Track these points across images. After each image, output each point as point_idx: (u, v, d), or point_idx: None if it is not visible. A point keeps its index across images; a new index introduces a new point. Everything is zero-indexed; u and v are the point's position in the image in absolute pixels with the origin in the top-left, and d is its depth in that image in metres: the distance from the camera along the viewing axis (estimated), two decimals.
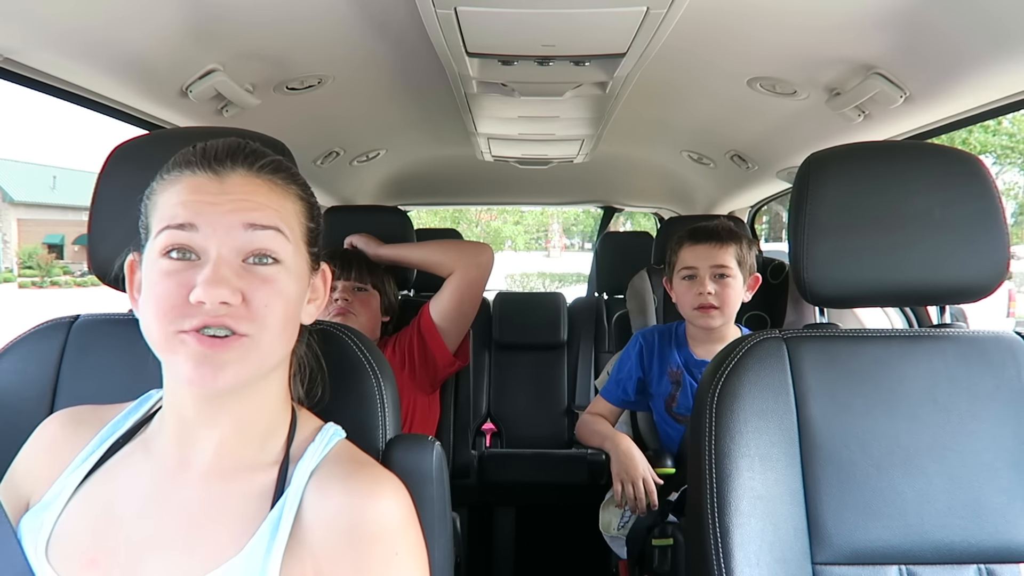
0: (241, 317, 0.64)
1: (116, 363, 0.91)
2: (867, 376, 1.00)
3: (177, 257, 0.65)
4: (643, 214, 5.63)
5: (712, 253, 1.58)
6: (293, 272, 0.69)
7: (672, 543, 1.47)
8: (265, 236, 0.67)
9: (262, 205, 0.67)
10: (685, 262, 1.62)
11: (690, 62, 1.58)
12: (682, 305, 1.63)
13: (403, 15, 1.29)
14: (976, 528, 0.95)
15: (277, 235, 0.68)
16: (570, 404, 2.89)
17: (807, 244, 0.99)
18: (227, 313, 0.63)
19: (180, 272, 0.64)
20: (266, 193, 0.69)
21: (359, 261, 1.63)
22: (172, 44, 1.28)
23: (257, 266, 0.66)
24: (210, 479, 0.70)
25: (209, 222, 0.65)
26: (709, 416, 0.97)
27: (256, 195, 0.68)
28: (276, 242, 0.67)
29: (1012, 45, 1.15)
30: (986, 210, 0.97)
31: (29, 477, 0.74)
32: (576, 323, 2.97)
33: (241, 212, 0.66)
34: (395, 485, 0.71)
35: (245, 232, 0.66)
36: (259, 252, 0.66)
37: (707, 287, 1.56)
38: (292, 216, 0.71)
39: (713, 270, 1.58)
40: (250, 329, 0.65)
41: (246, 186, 0.68)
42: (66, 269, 21.71)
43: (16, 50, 1.12)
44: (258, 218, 0.66)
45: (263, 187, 0.69)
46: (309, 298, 0.75)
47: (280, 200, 0.70)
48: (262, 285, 0.66)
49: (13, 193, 22.60)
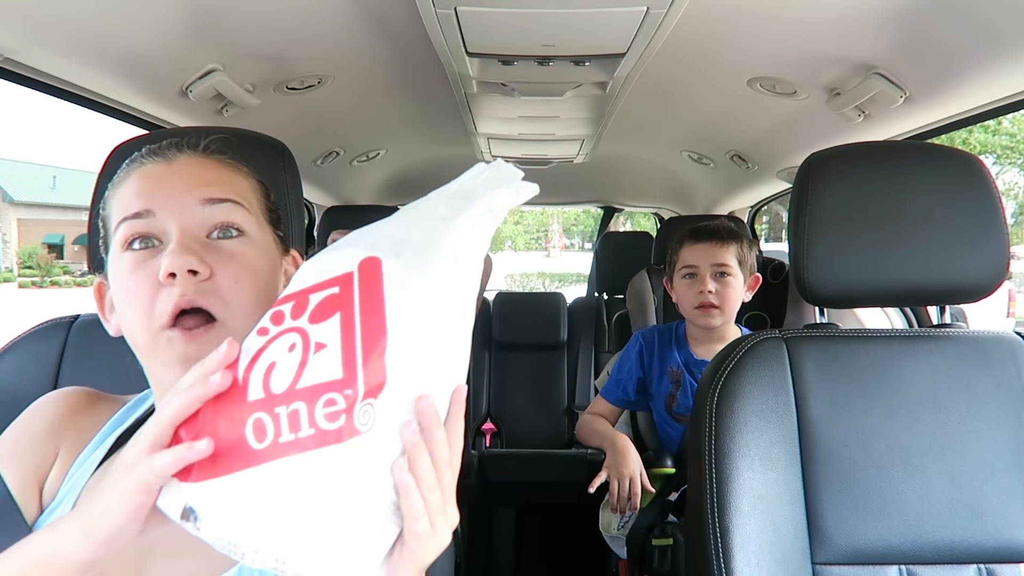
0: (210, 293, 0.62)
1: (116, 363, 0.91)
2: (867, 376, 1.00)
3: (140, 247, 0.63)
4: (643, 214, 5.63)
5: (713, 252, 1.59)
6: (260, 245, 0.68)
7: (672, 543, 1.47)
8: (224, 209, 0.65)
9: (215, 181, 0.67)
10: (686, 261, 1.62)
11: (690, 62, 1.58)
12: (682, 304, 1.63)
13: (403, 15, 1.29)
14: (976, 528, 0.95)
15: (236, 207, 0.66)
16: (570, 404, 2.89)
17: (807, 244, 0.99)
18: (196, 290, 0.61)
19: (146, 261, 0.62)
20: (217, 169, 0.68)
21: None
22: (172, 44, 1.28)
23: (222, 240, 0.65)
24: None
25: (164, 204, 0.63)
26: (709, 416, 0.97)
27: (206, 173, 0.67)
28: (236, 214, 0.66)
29: (1012, 45, 1.15)
30: (986, 210, 0.97)
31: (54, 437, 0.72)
32: (576, 323, 2.97)
33: (195, 189, 0.65)
34: None
35: (203, 208, 0.64)
36: (221, 225, 0.65)
37: (708, 286, 1.56)
38: (248, 191, 0.69)
39: (714, 269, 1.58)
40: (222, 313, 0.62)
41: (195, 166, 0.67)
42: (66, 269, 21.72)
43: (16, 50, 1.12)
44: (213, 192, 0.65)
45: (213, 165, 0.68)
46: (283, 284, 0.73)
47: (233, 176, 0.69)
48: (228, 260, 0.64)
49: (13, 193, 22.61)
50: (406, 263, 0.49)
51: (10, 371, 0.90)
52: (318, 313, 0.49)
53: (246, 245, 0.66)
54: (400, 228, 0.53)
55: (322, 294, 0.49)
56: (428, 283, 0.49)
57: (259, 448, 0.45)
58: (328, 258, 0.52)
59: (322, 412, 0.45)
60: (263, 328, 0.50)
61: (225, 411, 0.47)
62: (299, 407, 0.45)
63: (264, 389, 0.47)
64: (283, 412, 0.46)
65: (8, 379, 0.90)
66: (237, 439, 0.46)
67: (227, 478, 0.46)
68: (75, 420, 0.73)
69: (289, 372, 0.47)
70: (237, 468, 0.46)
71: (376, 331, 0.47)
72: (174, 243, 0.61)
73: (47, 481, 0.71)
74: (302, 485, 0.45)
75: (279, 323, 0.50)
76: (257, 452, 0.45)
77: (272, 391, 0.46)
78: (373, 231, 0.54)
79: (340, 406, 0.45)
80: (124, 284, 0.63)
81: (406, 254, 0.50)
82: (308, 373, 0.46)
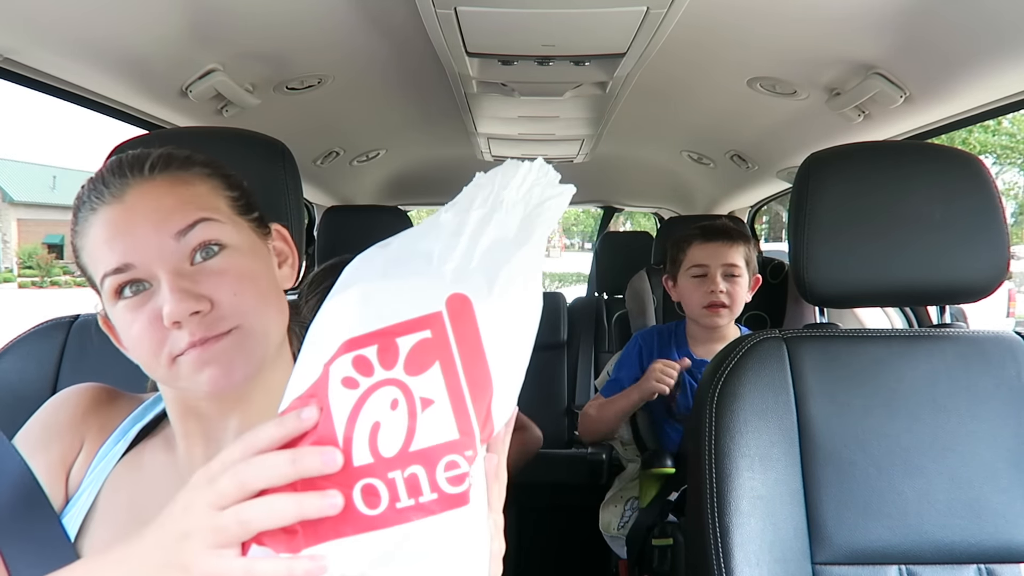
0: (218, 320, 0.62)
1: (116, 363, 0.91)
2: (867, 376, 1.00)
3: (132, 293, 0.63)
4: (643, 214, 5.63)
5: (723, 251, 1.58)
6: (242, 247, 0.67)
7: (672, 543, 1.47)
8: (196, 233, 0.64)
9: (175, 207, 0.64)
10: (695, 260, 1.60)
11: (690, 62, 1.58)
12: (690, 304, 1.61)
13: (403, 15, 1.29)
14: (976, 528, 0.95)
15: (205, 224, 0.64)
16: (570, 404, 2.89)
17: (807, 244, 0.99)
18: (205, 326, 0.62)
19: (142, 306, 0.62)
20: (170, 191, 0.65)
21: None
22: (172, 44, 1.28)
23: (206, 262, 0.64)
24: None
25: (139, 254, 0.62)
26: (709, 416, 0.97)
27: (163, 199, 0.64)
28: (209, 231, 0.64)
29: (1012, 45, 1.15)
30: (986, 210, 0.97)
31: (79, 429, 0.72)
32: (576, 323, 2.97)
33: (161, 226, 0.63)
34: None
35: (177, 241, 0.63)
36: (200, 247, 0.64)
37: (719, 285, 1.56)
38: (209, 196, 0.67)
39: (724, 268, 1.57)
40: (235, 323, 0.63)
41: (149, 196, 0.64)
42: (66, 269, 21.70)
43: (16, 50, 1.12)
44: (179, 221, 0.63)
45: (164, 186, 0.65)
46: (278, 263, 0.73)
47: (188, 189, 0.66)
48: (221, 278, 0.64)
49: (13, 193, 22.60)
50: (496, 300, 0.47)
51: (10, 371, 0.90)
52: (414, 362, 0.45)
53: (230, 256, 0.65)
54: (468, 253, 0.49)
55: (412, 339, 0.45)
56: (518, 321, 0.48)
57: (373, 514, 0.43)
58: (399, 288, 0.48)
59: (444, 476, 0.43)
60: (349, 379, 0.45)
61: (327, 480, 0.44)
62: (417, 471, 0.43)
63: (372, 453, 0.43)
64: (398, 477, 0.43)
65: (8, 379, 0.90)
66: (343, 505, 0.43)
67: (338, 543, 0.43)
68: (97, 414, 0.74)
69: (399, 434, 0.44)
70: (348, 534, 0.43)
71: (482, 382, 0.45)
72: (166, 290, 0.61)
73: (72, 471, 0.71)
74: (428, 548, 0.43)
75: (368, 373, 0.45)
76: (371, 518, 0.43)
77: (382, 455, 0.43)
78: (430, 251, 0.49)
79: (463, 468, 0.44)
80: (127, 330, 0.64)
81: (494, 289, 0.47)
82: (420, 434, 0.44)
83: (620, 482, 1.80)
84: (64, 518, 0.69)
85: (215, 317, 0.62)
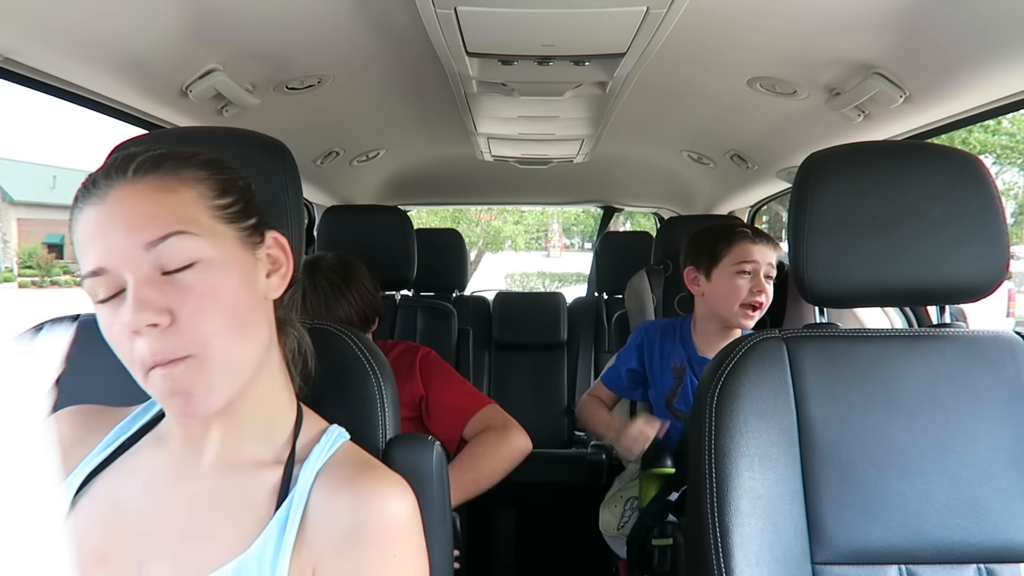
0: (175, 338, 0.61)
1: (116, 363, 0.91)
2: (867, 376, 1.00)
3: (106, 297, 0.63)
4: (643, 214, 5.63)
5: (768, 253, 1.56)
6: (220, 263, 0.65)
7: (672, 543, 1.47)
8: (168, 246, 0.62)
9: (150, 217, 0.62)
10: (745, 256, 1.55)
11: (690, 62, 1.58)
12: (726, 300, 1.56)
13: (403, 15, 1.29)
14: (976, 528, 0.95)
15: (180, 238, 0.62)
16: (570, 404, 2.89)
17: (807, 244, 0.99)
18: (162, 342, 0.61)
19: (116, 311, 0.62)
20: (149, 198, 0.63)
21: None
22: (172, 44, 1.28)
23: (176, 274, 0.62)
24: (216, 474, 0.70)
25: (112, 259, 0.62)
26: (709, 416, 0.97)
27: (140, 207, 0.63)
28: (182, 245, 0.63)
29: (1011, 45, 1.15)
30: (986, 210, 0.97)
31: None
32: (576, 323, 2.97)
33: (134, 233, 0.62)
34: (401, 488, 0.70)
35: (148, 252, 0.62)
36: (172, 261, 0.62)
37: (766, 286, 1.54)
38: (191, 206, 0.65)
39: (767, 268, 1.56)
40: (194, 349, 0.62)
41: (127, 201, 0.63)
42: (66, 269, 21.70)
43: (16, 50, 1.12)
44: (152, 231, 0.62)
45: (144, 192, 0.63)
46: (268, 271, 0.71)
47: (168, 197, 0.64)
48: (187, 294, 0.62)
49: (13, 193, 22.59)
50: None
51: None
52: None
53: (203, 272, 0.63)
54: None
55: None
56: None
57: None
58: None
59: None
60: None
61: None
62: None
63: None
64: None
65: None
66: None
67: None
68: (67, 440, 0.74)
69: None
70: None
71: None
72: (129, 298, 0.61)
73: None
74: None
75: None
76: None
77: None
78: None
79: None
80: (106, 333, 0.64)
81: None
82: None
83: (620, 482, 1.80)
84: None
85: (173, 334, 0.61)
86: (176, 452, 0.72)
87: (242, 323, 0.66)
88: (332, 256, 1.52)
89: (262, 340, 0.69)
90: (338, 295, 1.44)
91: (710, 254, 1.59)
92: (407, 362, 1.54)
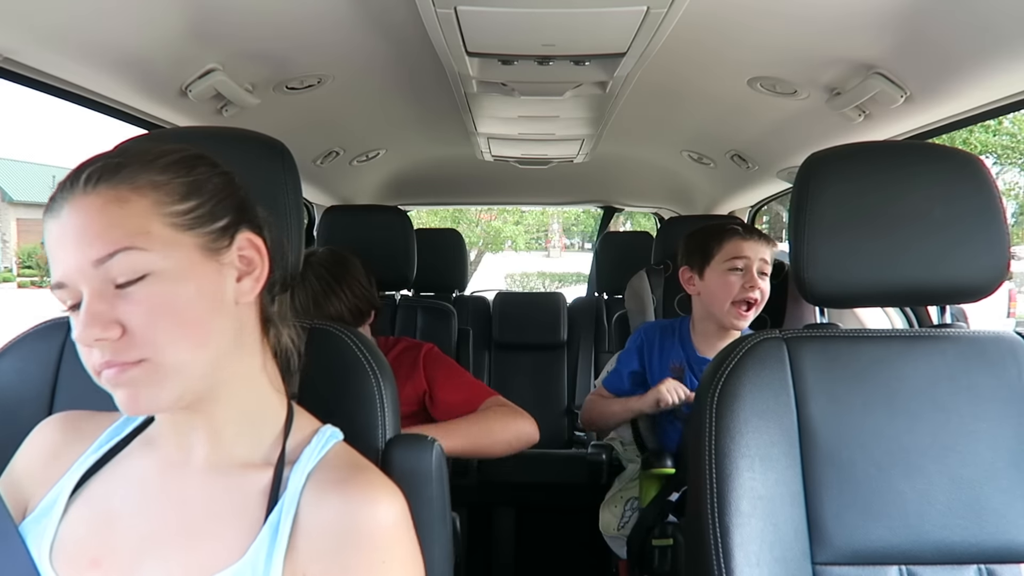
0: (126, 348, 0.62)
1: None
2: (867, 376, 1.00)
3: (70, 307, 0.63)
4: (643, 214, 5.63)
5: (761, 248, 1.55)
6: (174, 274, 0.63)
7: (672, 543, 1.47)
8: (116, 262, 0.61)
9: (99, 231, 0.61)
10: (737, 252, 1.55)
11: (690, 62, 1.58)
12: (719, 298, 1.56)
13: (403, 15, 1.29)
14: (976, 528, 0.95)
15: (127, 254, 0.61)
16: (570, 404, 2.89)
17: (807, 244, 0.99)
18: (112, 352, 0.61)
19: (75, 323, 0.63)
20: (99, 211, 0.62)
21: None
22: (172, 44, 1.27)
23: (127, 287, 0.62)
24: (206, 476, 0.70)
25: (68, 274, 0.62)
26: (709, 416, 0.97)
27: (90, 222, 0.62)
28: (131, 261, 0.62)
29: (1012, 45, 1.15)
30: (986, 210, 0.97)
31: (27, 479, 0.74)
32: (576, 323, 2.97)
33: (85, 249, 0.61)
34: (391, 491, 0.70)
35: (97, 269, 0.61)
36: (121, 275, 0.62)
37: (759, 282, 1.53)
38: (143, 217, 0.63)
39: (760, 264, 1.56)
40: (144, 354, 0.62)
41: (79, 215, 0.62)
42: None
43: (16, 50, 1.12)
44: (100, 248, 0.61)
45: (95, 205, 0.62)
46: (240, 274, 0.69)
47: (120, 209, 0.62)
48: (137, 306, 0.62)
49: (13, 193, 22.59)
50: None
51: (9, 371, 0.90)
52: None
53: (154, 284, 0.62)
54: None
55: None
56: None
57: None
58: None
59: None
60: None
61: None
62: None
63: None
64: None
65: (7, 379, 0.90)
66: None
67: None
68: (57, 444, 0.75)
69: None
70: None
71: None
72: (81, 313, 0.61)
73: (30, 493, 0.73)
74: None
75: None
76: None
77: None
78: None
79: None
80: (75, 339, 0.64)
81: None
82: None
83: (620, 482, 1.80)
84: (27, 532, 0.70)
85: (125, 344, 0.62)
86: (165, 455, 0.72)
87: (198, 332, 0.65)
88: (324, 252, 1.49)
89: (223, 346, 0.68)
90: (328, 292, 1.42)
91: (703, 253, 1.60)
92: (410, 359, 1.54)
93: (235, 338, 0.69)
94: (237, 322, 0.69)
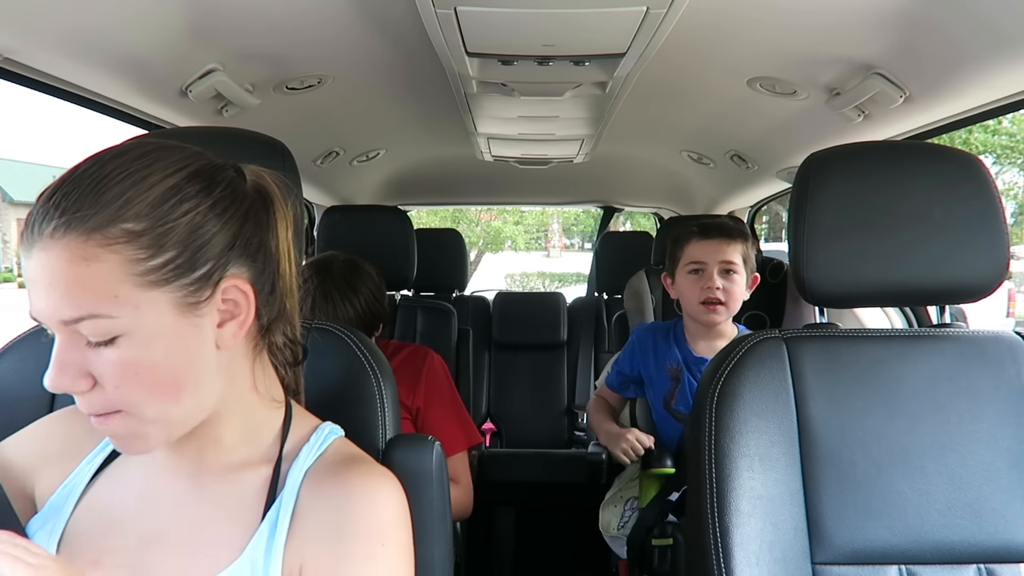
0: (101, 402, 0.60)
1: None
2: (867, 376, 1.00)
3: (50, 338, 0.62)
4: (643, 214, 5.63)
5: (721, 248, 1.58)
6: (145, 336, 0.59)
7: (672, 543, 1.47)
8: (83, 326, 0.57)
9: (64, 293, 0.57)
10: (693, 256, 1.59)
11: (690, 62, 1.58)
12: (687, 300, 1.61)
13: (403, 15, 1.29)
14: (976, 528, 0.95)
15: (92, 321, 0.57)
16: (570, 404, 2.89)
17: (807, 244, 0.99)
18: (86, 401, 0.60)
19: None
20: (66, 267, 0.56)
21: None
22: (172, 44, 1.27)
23: (100, 347, 0.58)
24: (204, 478, 0.70)
25: (39, 315, 0.60)
26: (709, 416, 0.97)
27: (55, 279, 0.57)
28: (98, 325, 0.57)
29: (1012, 45, 1.15)
30: (986, 210, 0.97)
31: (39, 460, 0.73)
32: (576, 323, 2.97)
33: (49, 305, 0.57)
34: (390, 482, 0.70)
35: (65, 328, 0.58)
36: (89, 336, 0.58)
37: (715, 282, 1.56)
38: (113, 278, 0.57)
39: (721, 266, 1.57)
40: (119, 407, 0.60)
41: (44, 267, 0.57)
42: None
43: (16, 50, 1.12)
44: (64, 313, 0.57)
45: (63, 258, 0.56)
46: (220, 320, 0.64)
47: (87, 270, 0.56)
48: (107, 368, 0.59)
49: (13, 193, 22.59)
50: None
51: (10, 371, 0.90)
52: None
53: (124, 346, 0.59)
54: None
55: None
56: None
57: None
58: None
59: None
60: None
61: None
62: None
63: None
64: None
65: (8, 379, 0.90)
66: None
67: None
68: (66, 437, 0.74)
69: None
70: None
71: None
72: (52, 359, 0.59)
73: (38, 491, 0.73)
74: None
75: None
76: None
77: None
78: None
79: None
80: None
81: None
82: None
83: (620, 482, 1.80)
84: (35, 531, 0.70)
85: (99, 398, 0.60)
86: (165, 457, 0.72)
87: (171, 390, 0.61)
88: (342, 259, 1.49)
89: (207, 393, 0.65)
90: (344, 300, 1.43)
91: (671, 258, 1.67)
92: (414, 368, 1.54)
93: (221, 376, 0.66)
94: (221, 362, 0.65)
